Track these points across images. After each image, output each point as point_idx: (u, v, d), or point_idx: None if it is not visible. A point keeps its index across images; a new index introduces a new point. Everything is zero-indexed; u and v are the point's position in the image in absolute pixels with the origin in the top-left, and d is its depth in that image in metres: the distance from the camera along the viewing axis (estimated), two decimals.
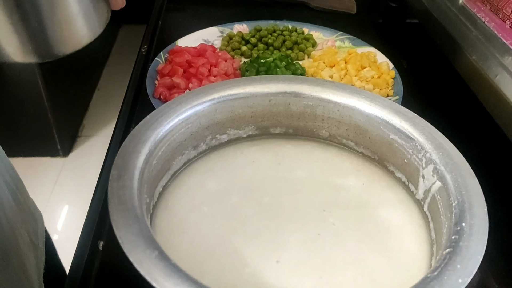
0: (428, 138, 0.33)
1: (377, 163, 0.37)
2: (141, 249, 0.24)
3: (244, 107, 0.37)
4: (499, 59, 0.40)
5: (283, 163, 0.37)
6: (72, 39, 0.24)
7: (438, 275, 0.24)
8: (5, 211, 0.28)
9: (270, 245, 0.31)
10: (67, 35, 0.23)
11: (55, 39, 0.23)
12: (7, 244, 0.27)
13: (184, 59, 0.53)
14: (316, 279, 0.29)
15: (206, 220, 0.32)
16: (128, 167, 0.28)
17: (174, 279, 0.23)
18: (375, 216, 0.33)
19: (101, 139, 1.38)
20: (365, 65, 0.53)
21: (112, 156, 0.29)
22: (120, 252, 0.24)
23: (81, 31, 0.24)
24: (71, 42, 0.24)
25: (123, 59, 1.64)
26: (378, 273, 0.30)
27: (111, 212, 0.26)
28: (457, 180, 0.30)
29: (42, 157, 1.30)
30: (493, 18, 0.43)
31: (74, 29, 0.23)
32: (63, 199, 1.21)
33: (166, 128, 0.32)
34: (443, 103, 0.53)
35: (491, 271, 0.36)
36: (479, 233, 0.26)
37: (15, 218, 0.30)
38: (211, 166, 0.36)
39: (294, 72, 0.53)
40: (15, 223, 0.29)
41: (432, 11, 0.52)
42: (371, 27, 0.66)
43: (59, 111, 1.23)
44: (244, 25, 0.63)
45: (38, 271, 0.32)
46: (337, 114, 0.37)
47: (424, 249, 0.31)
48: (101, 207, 0.38)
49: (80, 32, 0.24)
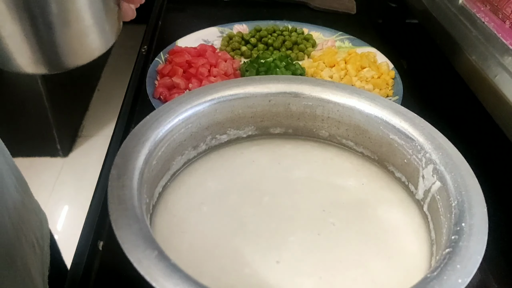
0: (428, 138, 0.33)
1: (377, 163, 0.37)
2: (140, 249, 0.24)
3: (244, 107, 0.37)
4: (499, 59, 0.40)
5: (283, 163, 0.37)
6: (84, 51, 0.24)
7: (438, 275, 0.24)
8: (9, 213, 0.28)
9: (270, 245, 0.31)
10: (80, 48, 0.23)
11: (68, 52, 0.23)
12: (11, 246, 0.27)
13: (184, 59, 0.53)
14: (316, 279, 0.29)
15: (206, 220, 0.32)
16: (128, 167, 0.29)
17: (173, 279, 0.23)
18: (375, 216, 0.33)
19: (101, 139, 1.38)
20: (365, 65, 0.53)
21: (112, 156, 0.29)
22: (120, 252, 0.24)
23: (94, 44, 0.24)
24: (83, 54, 0.24)
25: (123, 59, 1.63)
26: (378, 273, 0.30)
27: (111, 212, 0.26)
28: (456, 180, 0.30)
29: (42, 157, 1.30)
30: (492, 18, 0.43)
31: (87, 42, 0.23)
32: (63, 199, 1.21)
33: (166, 128, 0.32)
34: (443, 103, 0.53)
35: (491, 271, 0.36)
36: (479, 233, 0.26)
37: (20, 220, 0.30)
38: (211, 166, 0.36)
39: (294, 72, 0.53)
40: (20, 224, 0.29)
41: (432, 11, 0.52)
42: (371, 27, 0.66)
43: (59, 111, 1.23)
44: (244, 25, 0.63)
45: (43, 274, 0.32)
46: (337, 114, 0.37)
47: (424, 249, 0.31)
48: (101, 207, 0.38)
49: (93, 44, 0.24)
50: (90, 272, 0.34)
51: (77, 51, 0.23)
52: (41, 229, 0.35)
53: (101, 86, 1.60)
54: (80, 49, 0.23)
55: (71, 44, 0.23)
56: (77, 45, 0.23)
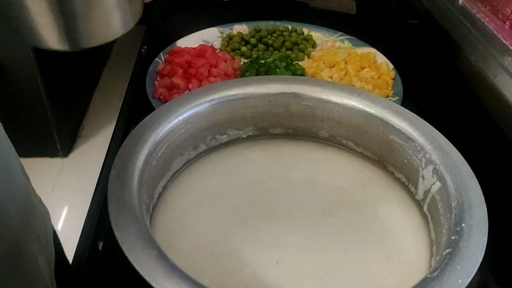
0: (427, 138, 0.33)
1: (377, 163, 0.37)
2: (140, 249, 0.24)
3: (244, 108, 0.37)
4: (499, 60, 0.40)
5: (283, 163, 0.37)
6: (106, 31, 0.25)
7: (438, 276, 0.24)
8: (17, 203, 0.28)
9: (269, 245, 0.31)
10: (102, 28, 0.24)
11: (91, 31, 0.24)
12: (19, 235, 0.27)
13: (184, 60, 0.53)
14: (315, 279, 0.29)
15: (205, 220, 0.32)
16: (128, 167, 0.29)
17: (173, 279, 0.23)
18: (374, 217, 0.33)
19: (101, 140, 1.38)
20: (365, 65, 0.53)
21: (112, 156, 0.29)
22: (120, 252, 0.24)
23: (116, 25, 0.25)
24: (105, 34, 0.25)
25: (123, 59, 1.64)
26: (377, 273, 0.30)
27: (110, 212, 0.26)
28: (456, 180, 0.30)
29: (42, 158, 1.30)
30: (492, 18, 0.43)
31: (109, 22, 0.24)
32: (63, 200, 1.21)
33: (166, 128, 0.32)
34: (443, 104, 0.53)
35: (490, 272, 0.36)
36: (479, 233, 0.26)
37: (26, 210, 0.30)
38: (211, 166, 0.36)
39: (294, 73, 0.53)
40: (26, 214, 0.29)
41: (431, 11, 0.52)
42: (371, 28, 0.66)
43: (59, 112, 1.23)
44: (244, 26, 0.63)
45: (49, 265, 0.33)
46: (337, 114, 0.37)
47: (424, 250, 0.31)
48: (101, 207, 0.38)
49: (115, 25, 0.25)
50: (90, 272, 0.34)
51: (99, 31, 0.24)
52: (44, 221, 0.35)
53: (101, 86, 1.60)
54: (102, 29, 0.24)
55: (95, 24, 0.24)
56: (101, 25, 0.24)
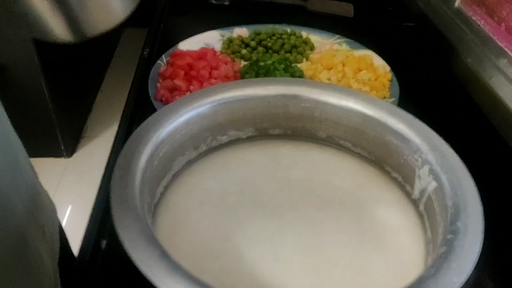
0: (424, 139, 0.33)
1: (374, 163, 0.37)
2: (142, 248, 0.24)
3: (244, 109, 0.37)
4: (494, 62, 0.41)
5: (282, 163, 0.38)
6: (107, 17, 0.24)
7: (434, 274, 0.24)
8: (21, 197, 0.28)
9: (268, 244, 0.31)
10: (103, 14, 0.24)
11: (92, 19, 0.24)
12: (23, 227, 0.28)
13: (185, 62, 0.53)
14: (314, 278, 0.29)
15: (206, 219, 0.33)
16: (130, 167, 0.29)
17: (175, 277, 0.23)
18: (372, 216, 0.34)
19: (104, 140, 1.38)
20: (362, 67, 0.54)
21: (115, 156, 0.30)
22: (123, 251, 0.24)
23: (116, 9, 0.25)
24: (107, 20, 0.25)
25: (126, 62, 1.65)
26: (374, 272, 0.30)
27: (113, 211, 0.26)
28: (452, 180, 0.30)
29: (46, 158, 1.30)
30: (488, 21, 0.44)
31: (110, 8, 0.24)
32: (67, 199, 1.21)
33: (168, 129, 0.33)
34: (439, 105, 0.54)
35: (486, 270, 0.36)
36: (474, 232, 0.27)
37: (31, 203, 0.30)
38: (211, 166, 0.37)
39: (293, 75, 0.53)
40: (31, 206, 0.30)
41: (428, 14, 0.52)
42: (368, 31, 0.67)
43: (62, 113, 1.24)
44: (244, 29, 0.63)
45: (53, 259, 0.33)
46: (335, 115, 0.37)
47: (420, 248, 0.32)
48: (104, 207, 0.39)
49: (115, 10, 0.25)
50: (93, 271, 0.34)
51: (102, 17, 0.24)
52: (51, 215, 0.35)
53: (104, 88, 1.61)
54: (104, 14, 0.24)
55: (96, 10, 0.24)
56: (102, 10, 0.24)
